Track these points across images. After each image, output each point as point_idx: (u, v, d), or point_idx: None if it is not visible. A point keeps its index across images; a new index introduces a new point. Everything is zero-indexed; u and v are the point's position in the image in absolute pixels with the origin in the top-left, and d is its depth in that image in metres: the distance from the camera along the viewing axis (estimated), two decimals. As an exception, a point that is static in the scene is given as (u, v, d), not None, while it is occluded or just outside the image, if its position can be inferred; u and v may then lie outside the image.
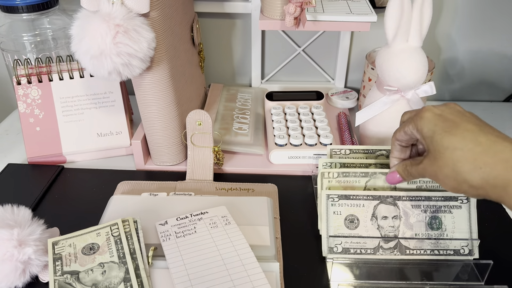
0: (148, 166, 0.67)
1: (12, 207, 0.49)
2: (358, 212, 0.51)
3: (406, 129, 0.47)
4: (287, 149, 0.66)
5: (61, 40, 0.72)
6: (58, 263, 0.46)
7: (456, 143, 0.41)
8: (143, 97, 0.60)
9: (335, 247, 0.51)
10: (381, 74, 0.61)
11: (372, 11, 0.64)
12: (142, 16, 0.53)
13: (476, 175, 0.39)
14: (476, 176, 0.39)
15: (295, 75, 0.89)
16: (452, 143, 0.41)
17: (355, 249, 0.51)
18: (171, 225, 0.52)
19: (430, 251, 0.51)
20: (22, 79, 0.65)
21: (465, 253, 0.51)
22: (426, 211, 0.51)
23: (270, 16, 0.65)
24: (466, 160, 0.40)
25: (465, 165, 0.40)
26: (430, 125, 0.44)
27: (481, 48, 0.85)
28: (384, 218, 0.51)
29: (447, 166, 0.41)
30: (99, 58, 0.51)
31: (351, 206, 0.51)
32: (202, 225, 0.52)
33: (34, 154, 0.67)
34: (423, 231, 0.51)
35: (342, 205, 0.51)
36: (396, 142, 0.49)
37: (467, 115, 0.44)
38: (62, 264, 0.46)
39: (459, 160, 0.40)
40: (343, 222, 0.51)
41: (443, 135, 0.42)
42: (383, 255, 0.51)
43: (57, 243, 0.48)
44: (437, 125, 0.43)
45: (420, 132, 0.45)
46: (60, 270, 0.45)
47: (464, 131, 0.41)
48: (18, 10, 0.67)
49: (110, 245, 0.48)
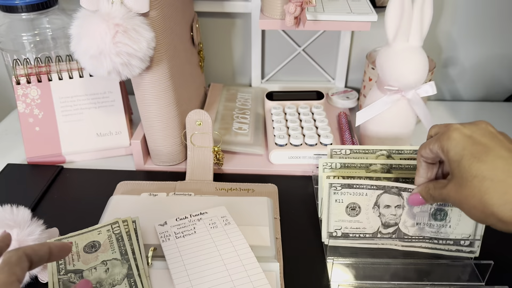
0: (148, 166, 0.67)
1: (11, 207, 0.49)
2: (361, 201, 0.51)
3: (432, 147, 0.43)
4: (287, 149, 0.65)
5: (61, 39, 0.72)
6: (61, 262, 0.46)
7: (485, 171, 0.37)
8: (143, 97, 0.60)
9: (334, 232, 0.51)
10: (381, 73, 0.61)
11: (372, 11, 0.64)
12: (141, 16, 0.52)
13: (507, 210, 0.36)
14: (506, 210, 0.36)
15: (295, 75, 0.88)
16: (481, 171, 0.37)
17: (354, 234, 0.51)
18: (170, 225, 0.52)
19: (429, 239, 0.51)
20: (22, 79, 0.64)
21: (465, 245, 0.50)
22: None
23: (270, 16, 0.65)
24: (495, 192, 0.36)
25: (494, 197, 0.36)
26: (458, 148, 0.40)
27: (481, 48, 0.84)
28: (387, 207, 0.51)
29: (474, 197, 0.38)
30: (99, 57, 0.51)
31: (353, 194, 0.51)
32: (202, 225, 0.52)
33: (33, 154, 0.67)
34: (425, 221, 0.51)
35: (344, 194, 0.51)
36: (421, 158, 0.46)
37: (499, 138, 0.40)
38: (65, 263, 0.46)
39: (488, 192, 0.37)
40: (345, 210, 0.51)
41: (471, 161, 0.38)
42: (381, 240, 0.51)
43: None
44: (466, 148, 0.39)
45: (446, 154, 0.41)
46: (64, 269, 0.45)
47: (495, 158, 0.37)
48: (17, 9, 0.67)
49: (112, 242, 0.48)
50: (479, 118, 0.43)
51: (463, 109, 0.85)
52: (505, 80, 0.88)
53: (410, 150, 0.57)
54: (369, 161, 0.56)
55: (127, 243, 0.48)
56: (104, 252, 0.47)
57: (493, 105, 0.87)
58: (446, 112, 0.84)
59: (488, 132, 0.40)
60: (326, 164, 0.56)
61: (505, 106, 0.87)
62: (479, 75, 0.87)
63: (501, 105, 0.87)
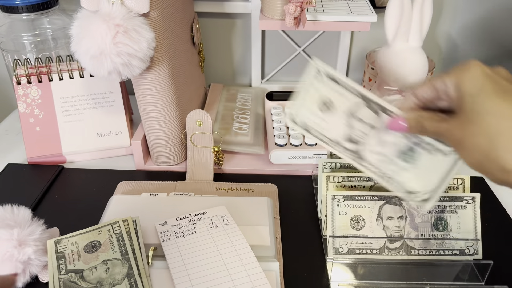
0: (148, 166, 0.67)
1: (12, 207, 0.49)
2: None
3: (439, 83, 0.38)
4: (287, 149, 0.66)
5: (61, 40, 0.72)
6: (62, 261, 0.46)
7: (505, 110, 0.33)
8: (143, 97, 0.60)
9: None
10: (381, 74, 0.61)
11: (372, 11, 0.64)
12: (142, 16, 0.53)
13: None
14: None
15: (295, 75, 0.89)
16: (500, 109, 0.33)
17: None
18: (170, 225, 0.52)
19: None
20: (22, 79, 0.65)
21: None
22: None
23: (270, 16, 0.65)
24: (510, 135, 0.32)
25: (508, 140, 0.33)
26: (477, 82, 0.35)
27: (481, 48, 0.84)
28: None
29: (483, 135, 0.34)
30: (99, 58, 0.51)
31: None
32: (202, 225, 0.52)
33: (34, 154, 0.67)
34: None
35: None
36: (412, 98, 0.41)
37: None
38: (65, 263, 0.46)
39: (502, 133, 0.33)
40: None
41: (491, 97, 0.34)
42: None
43: (59, 241, 0.48)
44: (485, 85, 0.35)
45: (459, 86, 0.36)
46: (64, 269, 0.45)
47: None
48: (18, 10, 0.67)
49: (113, 242, 0.48)
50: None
51: (463, 109, 0.85)
52: (504, 80, 0.88)
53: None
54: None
55: (128, 242, 0.48)
56: (104, 252, 0.47)
57: (492, 105, 0.87)
58: (446, 112, 0.84)
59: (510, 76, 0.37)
60: (326, 164, 0.56)
61: (505, 106, 0.87)
62: (479, 75, 0.88)
63: (501, 105, 0.87)
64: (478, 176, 0.65)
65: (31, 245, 0.46)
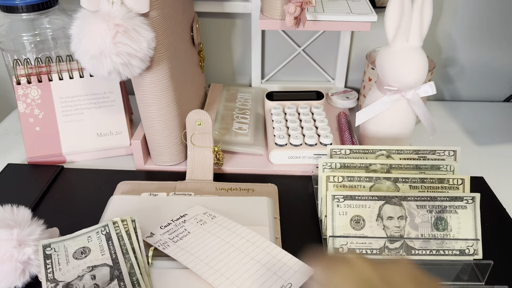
0: (148, 166, 0.67)
1: (12, 207, 0.49)
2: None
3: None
4: (287, 149, 0.66)
5: (61, 40, 0.72)
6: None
7: None
8: (143, 97, 0.60)
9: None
10: (381, 74, 0.61)
11: (372, 11, 0.64)
12: (142, 16, 0.53)
13: None
14: None
15: (295, 75, 0.89)
16: None
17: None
18: (159, 234, 0.51)
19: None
20: (22, 79, 0.65)
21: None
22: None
23: (270, 16, 0.65)
24: None
25: None
26: None
27: (481, 48, 0.84)
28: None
29: None
30: (99, 58, 0.51)
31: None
32: (191, 225, 0.52)
33: (34, 154, 0.67)
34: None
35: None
36: None
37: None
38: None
39: None
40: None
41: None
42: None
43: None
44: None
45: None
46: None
47: None
48: (17, 10, 0.67)
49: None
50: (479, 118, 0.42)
51: (462, 109, 0.85)
52: (504, 80, 0.88)
53: (410, 150, 0.58)
54: (368, 161, 0.56)
55: (127, 242, 0.48)
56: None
57: (493, 105, 0.87)
58: (446, 112, 0.84)
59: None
60: (326, 164, 0.56)
61: (505, 106, 0.87)
62: (479, 75, 0.88)
63: (501, 105, 0.87)
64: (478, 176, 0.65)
65: (31, 245, 0.46)
